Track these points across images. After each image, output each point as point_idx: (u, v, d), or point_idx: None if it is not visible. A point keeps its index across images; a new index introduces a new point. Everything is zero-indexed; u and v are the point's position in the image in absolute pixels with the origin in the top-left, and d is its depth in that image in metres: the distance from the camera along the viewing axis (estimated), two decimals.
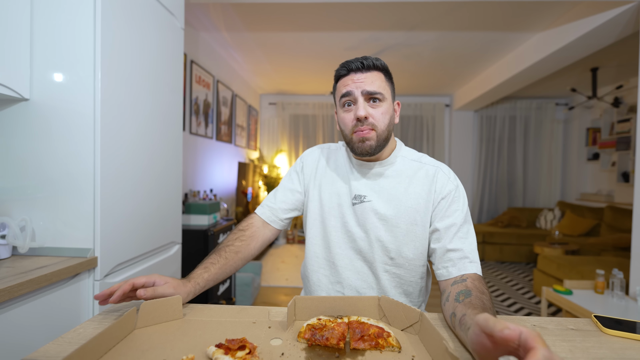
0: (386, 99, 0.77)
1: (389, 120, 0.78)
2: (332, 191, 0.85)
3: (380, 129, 0.77)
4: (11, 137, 0.97)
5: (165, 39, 1.35)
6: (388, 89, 0.79)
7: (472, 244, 0.74)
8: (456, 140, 5.28)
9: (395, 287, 0.80)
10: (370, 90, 0.75)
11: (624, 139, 3.89)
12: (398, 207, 0.78)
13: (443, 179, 0.78)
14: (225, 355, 0.47)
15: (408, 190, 0.79)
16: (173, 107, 1.43)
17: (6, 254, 0.92)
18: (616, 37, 2.41)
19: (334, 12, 2.57)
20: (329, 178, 0.87)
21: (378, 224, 0.79)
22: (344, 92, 0.77)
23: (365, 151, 0.78)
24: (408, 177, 0.81)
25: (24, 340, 0.78)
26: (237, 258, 0.83)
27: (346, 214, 0.82)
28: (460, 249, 0.72)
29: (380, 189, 0.81)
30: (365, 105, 0.76)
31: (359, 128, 0.76)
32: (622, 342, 0.57)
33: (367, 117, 0.75)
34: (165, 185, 1.37)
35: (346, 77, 0.78)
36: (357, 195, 0.82)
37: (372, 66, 0.77)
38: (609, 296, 2.09)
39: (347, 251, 0.82)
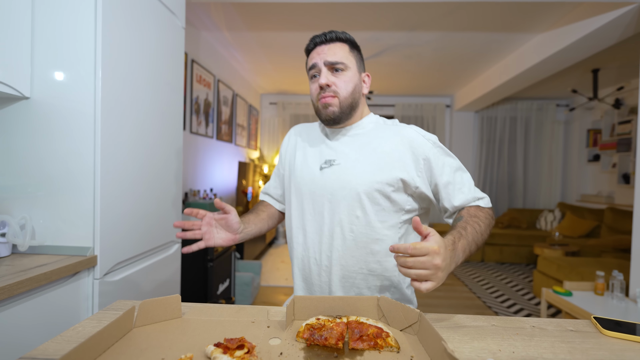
0: (349, 68, 0.81)
1: (353, 88, 0.82)
2: (304, 160, 0.89)
3: (342, 95, 0.80)
4: (12, 135, 0.97)
5: (166, 38, 1.35)
6: (352, 59, 0.83)
7: (470, 190, 0.79)
8: (457, 140, 5.28)
9: (362, 247, 0.79)
10: (332, 60, 0.80)
11: (624, 141, 3.89)
12: (364, 166, 0.79)
13: (419, 139, 0.80)
14: (223, 354, 0.47)
15: (378, 150, 0.80)
16: (173, 106, 1.43)
17: (6, 252, 0.92)
18: (617, 39, 2.41)
19: (335, 12, 2.56)
20: (302, 150, 0.91)
21: (345, 185, 0.79)
22: (310, 65, 0.83)
23: (329, 117, 0.82)
24: (379, 136, 0.83)
25: (23, 338, 0.78)
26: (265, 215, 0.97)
27: (316, 179, 0.84)
28: (464, 201, 0.78)
29: (350, 150, 0.83)
30: (328, 74, 0.81)
31: (322, 95, 0.81)
32: (621, 344, 0.57)
33: (329, 84, 0.80)
34: (165, 184, 1.37)
35: (313, 51, 0.84)
36: (327, 160, 0.84)
37: (335, 38, 0.82)
38: (609, 298, 2.09)
39: (317, 216, 0.83)
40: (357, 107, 0.85)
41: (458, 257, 0.64)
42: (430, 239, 0.57)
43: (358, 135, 0.85)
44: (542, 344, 0.56)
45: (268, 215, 0.98)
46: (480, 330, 0.60)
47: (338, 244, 0.79)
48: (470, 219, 0.72)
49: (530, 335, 0.59)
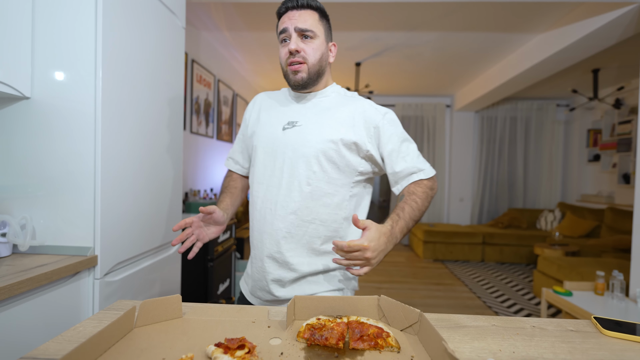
0: (318, 37, 0.86)
1: (320, 56, 0.87)
2: (268, 121, 0.93)
3: (310, 62, 0.86)
4: (12, 135, 0.97)
5: (166, 38, 1.35)
6: (321, 28, 0.87)
7: (412, 159, 0.86)
8: (457, 140, 5.28)
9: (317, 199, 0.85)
10: (302, 27, 0.83)
11: (624, 141, 3.89)
12: (323, 128, 0.86)
13: (371, 109, 0.88)
14: (224, 354, 0.47)
15: (336, 115, 0.87)
16: (174, 106, 1.43)
17: (6, 252, 0.92)
18: (617, 39, 2.41)
19: (335, 12, 2.56)
20: (267, 112, 0.96)
21: (305, 143, 0.85)
22: (281, 29, 0.86)
23: (298, 82, 0.87)
24: (339, 105, 0.89)
25: (23, 338, 0.78)
26: (238, 191, 1.03)
27: (278, 138, 0.89)
28: (404, 168, 0.86)
29: (312, 114, 0.89)
30: (298, 41, 0.85)
31: (292, 60, 0.85)
32: (621, 344, 0.57)
33: (298, 50, 0.84)
34: (166, 184, 1.37)
35: (284, 15, 0.87)
36: (290, 122, 0.89)
37: (306, 5, 0.85)
38: (609, 298, 2.09)
39: (277, 172, 0.88)
40: (323, 75, 0.91)
41: (396, 238, 0.77)
42: (365, 234, 0.70)
43: (320, 102, 0.91)
44: (542, 344, 0.56)
45: (240, 189, 1.05)
46: (480, 330, 0.61)
47: (295, 196, 0.85)
48: (409, 197, 0.83)
49: (530, 335, 0.59)
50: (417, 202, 0.82)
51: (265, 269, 0.87)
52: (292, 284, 0.86)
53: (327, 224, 0.86)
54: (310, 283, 0.87)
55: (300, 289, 0.86)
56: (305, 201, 0.85)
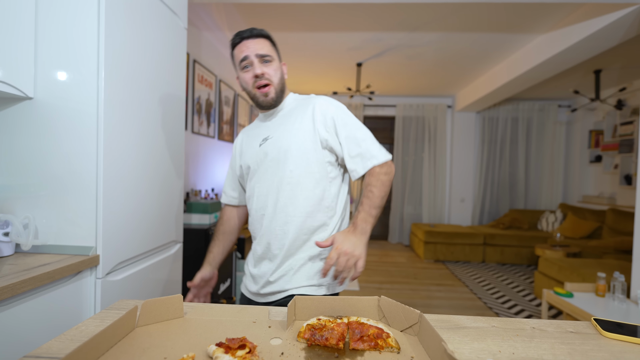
0: (275, 60, 0.98)
1: (281, 75, 1.00)
2: (248, 144, 1.06)
3: (275, 82, 0.97)
4: (15, 135, 0.98)
5: (168, 39, 1.35)
6: (274, 52, 0.99)
7: (367, 146, 0.93)
8: (458, 141, 5.28)
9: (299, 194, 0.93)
10: (262, 53, 0.95)
11: (626, 142, 3.88)
12: (290, 133, 0.95)
13: (325, 104, 0.96)
14: (225, 354, 0.48)
15: (298, 120, 0.96)
16: (175, 106, 1.43)
17: (9, 252, 0.93)
18: (619, 40, 2.40)
19: (337, 12, 2.57)
20: (247, 139, 1.08)
21: (278, 147, 0.95)
22: (242, 57, 0.95)
23: (269, 103, 0.98)
24: (298, 108, 0.99)
25: (26, 337, 0.79)
26: (227, 234, 1.15)
27: (257, 153, 1.00)
28: (358, 153, 0.93)
29: (279, 125, 0.99)
30: (260, 65, 0.95)
31: (259, 83, 0.95)
32: (621, 346, 0.57)
33: (263, 73, 0.95)
34: (167, 184, 1.38)
35: (240, 45, 0.96)
36: (264, 138, 1.00)
37: (259, 34, 0.96)
38: (610, 299, 2.08)
39: (262, 182, 0.98)
40: (284, 91, 1.02)
41: (363, 228, 0.86)
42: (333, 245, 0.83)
43: (284, 114, 1.01)
44: (542, 345, 0.56)
45: (229, 231, 1.15)
46: (480, 331, 0.61)
47: (282, 196, 0.94)
48: (365, 189, 0.91)
49: (530, 337, 0.59)
50: (373, 192, 0.89)
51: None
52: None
53: (313, 216, 0.94)
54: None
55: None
56: (290, 199, 0.93)
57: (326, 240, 0.85)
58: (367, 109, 5.36)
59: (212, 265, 1.09)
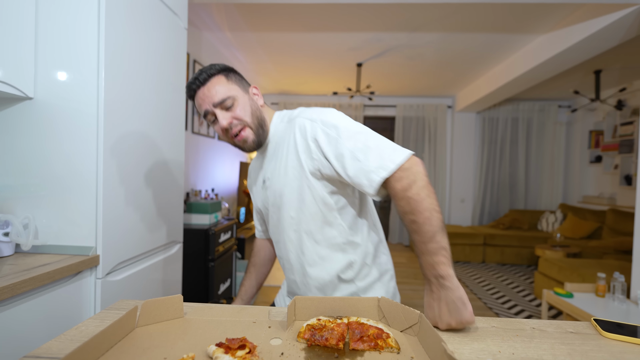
0: (237, 96, 0.82)
1: (252, 109, 0.84)
2: (254, 184, 0.98)
3: (247, 121, 0.83)
4: (15, 135, 0.98)
5: (168, 39, 1.35)
6: (234, 86, 0.83)
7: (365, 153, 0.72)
8: (458, 141, 5.27)
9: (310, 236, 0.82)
10: (219, 100, 0.80)
11: (626, 142, 3.88)
12: (280, 173, 0.83)
13: (305, 124, 0.79)
14: (225, 354, 0.48)
15: (284, 154, 0.83)
16: (175, 106, 1.43)
17: (9, 252, 0.93)
18: (620, 40, 2.40)
19: (337, 12, 2.57)
20: (254, 176, 0.99)
21: (274, 196, 0.85)
22: (202, 113, 0.83)
23: (252, 148, 0.86)
24: (283, 139, 0.85)
25: (26, 337, 0.79)
26: (258, 267, 1.06)
27: (262, 197, 0.92)
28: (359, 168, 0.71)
29: (271, 162, 0.88)
30: (224, 114, 0.81)
31: (231, 133, 0.82)
32: (621, 346, 0.57)
33: (230, 122, 0.81)
34: (167, 184, 1.38)
35: (196, 98, 0.83)
36: (263, 179, 0.91)
37: (207, 76, 0.81)
38: (610, 299, 2.08)
39: (274, 228, 0.90)
40: (265, 121, 0.87)
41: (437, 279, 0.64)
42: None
43: (273, 147, 0.88)
44: (541, 345, 0.56)
45: (260, 265, 1.06)
46: (480, 332, 0.61)
47: (291, 246, 0.85)
48: (404, 220, 0.70)
49: (530, 337, 0.59)
50: (416, 221, 0.67)
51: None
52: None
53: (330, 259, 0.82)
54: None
55: None
56: (299, 247, 0.83)
57: None
58: (367, 109, 5.36)
59: (244, 300, 1.01)
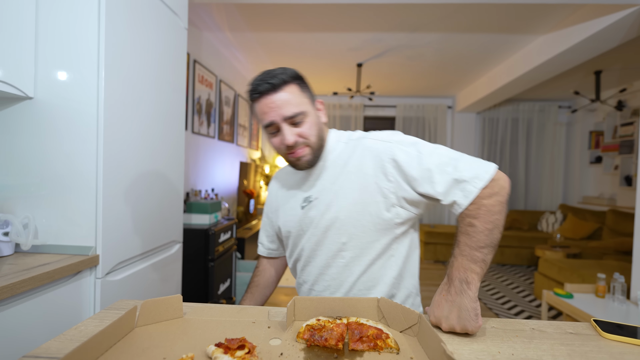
0: (307, 114, 0.75)
1: (317, 128, 0.78)
2: (286, 203, 0.90)
3: (312, 142, 0.77)
4: (15, 135, 0.98)
5: (168, 39, 1.35)
6: (305, 99, 0.76)
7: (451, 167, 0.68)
8: (458, 142, 5.27)
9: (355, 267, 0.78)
10: (290, 115, 0.73)
11: (627, 143, 3.88)
12: (337, 195, 0.77)
13: (377, 145, 0.75)
14: (224, 354, 0.48)
15: (344, 174, 0.78)
16: (176, 106, 1.43)
17: (9, 251, 0.93)
18: (620, 40, 2.40)
19: (337, 12, 2.57)
20: (284, 192, 0.92)
21: (326, 215, 0.78)
22: (266, 123, 0.75)
23: (305, 167, 0.80)
24: (345, 159, 0.80)
25: (25, 337, 0.79)
26: (260, 288, 0.98)
27: (301, 219, 0.84)
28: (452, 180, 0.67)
29: (321, 181, 0.82)
30: (291, 130, 0.74)
31: (291, 151, 0.77)
32: (621, 347, 0.57)
33: (295, 141, 0.75)
34: (167, 184, 1.38)
35: (260, 102, 0.74)
36: (305, 198, 0.84)
37: (281, 82, 0.72)
38: (610, 300, 2.08)
39: (307, 252, 0.83)
40: (324, 141, 0.82)
41: (460, 283, 0.61)
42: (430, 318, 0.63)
43: (327, 166, 0.82)
44: (541, 346, 0.56)
45: (263, 287, 0.99)
46: (479, 332, 0.61)
47: (333, 272, 0.80)
48: (462, 222, 0.67)
49: (529, 338, 0.59)
50: (475, 225, 0.64)
51: None
52: None
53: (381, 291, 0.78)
54: None
55: None
56: (344, 275, 0.78)
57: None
58: (367, 110, 5.36)
59: None
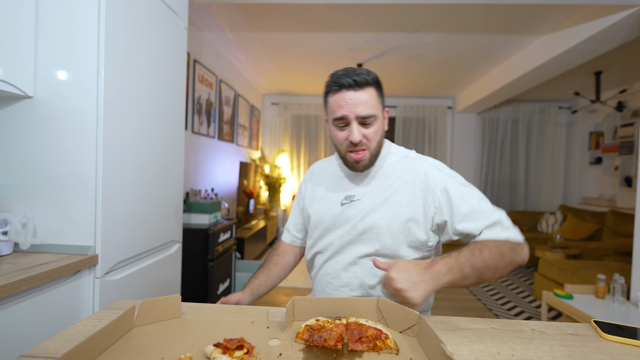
0: (378, 118, 0.78)
1: (381, 136, 0.81)
2: (325, 196, 0.90)
3: (372, 147, 0.79)
4: (14, 134, 0.98)
5: (168, 38, 1.35)
6: (379, 104, 0.79)
7: (491, 213, 0.74)
8: (458, 142, 5.27)
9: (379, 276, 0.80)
10: (364, 115, 0.75)
11: (627, 144, 3.88)
12: (382, 200, 0.80)
13: (434, 173, 0.79)
14: (223, 354, 0.47)
15: (393, 186, 0.81)
16: (175, 106, 1.43)
17: (8, 251, 0.93)
18: (620, 41, 2.40)
19: (338, 13, 2.57)
20: (324, 186, 0.92)
21: (366, 218, 0.80)
22: (338, 116, 0.77)
23: (360, 170, 0.82)
24: (397, 172, 0.83)
25: (23, 336, 0.78)
26: (278, 268, 0.97)
27: (337, 214, 0.85)
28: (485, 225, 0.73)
29: (368, 186, 0.84)
30: (359, 129, 0.76)
31: (353, 149, 0.79)
32: (621, 348, 0.57)
33: (361, 141, 0.77)
34: (167, 183, 1.38)
35: (338, 95, 0.76)
36: (347, 196, 0.85)
37: (364, 83, 0.75)
38: (610, 301, 2.08)
39: (337, 247, 0.84)
40: (381, 149, 0.84)
41: (439, 273, 0.64)
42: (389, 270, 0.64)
43: (379, 174, 0.85)
44: (541, 347, 0.56)
45: (281, 267, 0.98)
46: (479, 333, 0.60)
47: (357, 271, 0.81)
48: (475, 244, 0.70)
49: (529, 339, 0.59)
50: (483, 251, 0.67)
51: None
52: None
53: None
54: None
55: None
56: (367, 276, 0.80)
57: (384, 263, 0.66)
58: None
59: (254, 294, 0.90)
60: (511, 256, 0.70)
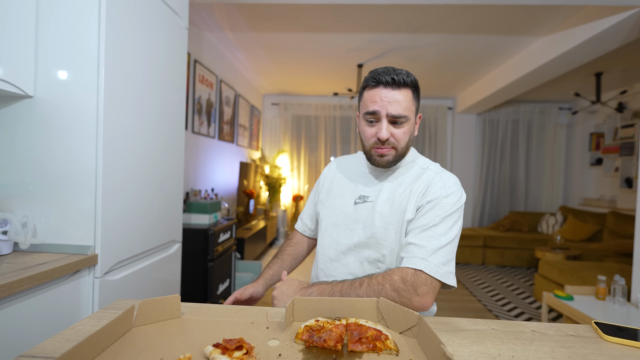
0: (409, 120, 0.78)
1: (409, 138, 0.81)
2: (340, 194, 0.91)
3: (400, 147, 0.80)
4: (14, 133, 0.98)
5: (169, 38, 1.35)
6: (413, 108, 0.78)
7: (438, 246, 0.72)
8: (458, 143, 5.27)
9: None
10: (395, 115, 0.75)
11: (627, 145, 3.87)
12: (392, 205, 0.81)
13: (438, 184, 0.79)
14: (222, 355, 0.47)
15: (404, 191, 0.82)
16: (176, 106, 1.43)
17: (7, 250, 0.93)
18: (621, 42, 2.40)
19: (338, 13, 2.57)
20: (341, 183, 0.93)
21: (375, 221, 0.81)
22: (370, 110, 0.77)
23: (382, 165, 0.82)
24: (410, 181, 0.83)
25: (22, 336, 0.78)
26: (291, 258, 1.01)
27: (349, 212, 0.87)
28: (423, 245, 0.72)
29: (384, 189, 0.85)
30: (388, 127, 0.77)
31: (379, 146, 0.79)
32: (621, 350, 0.56)
33: (388, 139, 0.78)
34: (167, 183, 1.38)
35: (374, 91, 0.77)
36: (361, 196, 0.86)
37: (402, 83, 0.75)
38: (611, 302, 2.08)
39: (342, 245, 0.86)
40: (406, 153, 0.85)
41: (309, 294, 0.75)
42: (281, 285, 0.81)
43: (395, 177, 0.85)
44: (542, 348, 0.56)
45: (294, 257, 1.02)
46: (480, 334, 0.60)
47: (365, 267, 0.83)
48: (384, 278, 0.72)
49: (530, 340, 0.59)
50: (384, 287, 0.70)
51: None
52: None
53: None
54: None
55: None
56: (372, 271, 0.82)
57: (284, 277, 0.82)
58: None
59: (268, 284, 0.93)
60: (406, 297, 0.70)
